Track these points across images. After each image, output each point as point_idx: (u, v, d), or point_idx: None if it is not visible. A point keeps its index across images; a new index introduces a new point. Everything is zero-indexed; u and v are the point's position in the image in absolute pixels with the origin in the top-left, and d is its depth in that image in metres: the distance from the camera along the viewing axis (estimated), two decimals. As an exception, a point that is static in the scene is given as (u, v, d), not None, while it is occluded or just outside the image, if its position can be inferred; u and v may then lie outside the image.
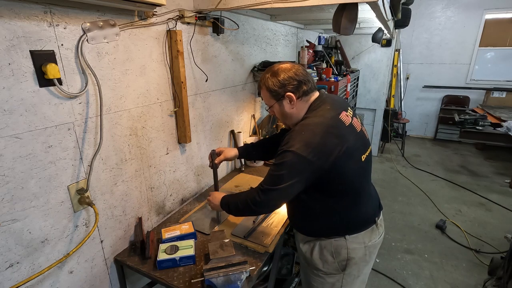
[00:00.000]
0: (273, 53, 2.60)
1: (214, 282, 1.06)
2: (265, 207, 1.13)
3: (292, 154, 1.01)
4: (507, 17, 4.76)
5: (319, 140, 1.01)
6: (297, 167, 1.02)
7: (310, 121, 1.08)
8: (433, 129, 5.68)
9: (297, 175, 1.03)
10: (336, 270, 1.21)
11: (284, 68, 1.12)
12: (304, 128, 1.06)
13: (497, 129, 3.92)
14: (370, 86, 4.50)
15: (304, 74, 1.13)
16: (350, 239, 1.17)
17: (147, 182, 1.44)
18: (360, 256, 1.19)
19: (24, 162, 0.93)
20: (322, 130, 1.04)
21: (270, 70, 1.15)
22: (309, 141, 1.01)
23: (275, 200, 1.11)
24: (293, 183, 1.04)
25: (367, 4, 1.28)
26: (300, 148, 1.00)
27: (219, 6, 1.41)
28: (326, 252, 1.19)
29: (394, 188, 3.70)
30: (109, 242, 1.29)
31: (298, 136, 1.04)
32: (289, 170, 1.03)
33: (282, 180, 1.04)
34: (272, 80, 1.12)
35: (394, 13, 2.41)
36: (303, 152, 1.00)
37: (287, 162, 1.02)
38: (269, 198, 1.09)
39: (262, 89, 1.18)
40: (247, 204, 1.14)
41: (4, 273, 0.93)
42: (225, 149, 1.53)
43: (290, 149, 1.02)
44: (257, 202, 1.11)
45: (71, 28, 0.99)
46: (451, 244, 2.67)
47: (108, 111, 1.18)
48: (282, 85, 1.11)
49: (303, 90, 1.12)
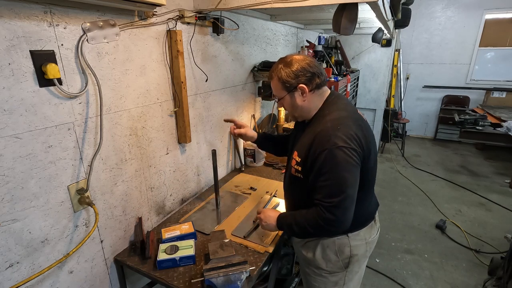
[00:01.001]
0: (273, 53, 2.60)
1: (214, 282, 1.06)
2: (343, 222, 1.02)
3: (340, 150, 0.97)
4: (507, 17, 4.76)
5: (355, 132, 1.01)
6: (351, 160, 0.98)
7: (338, 115, 1.06)
8: (433, 129, 5.68)
9: (355, 168, 0.99)
10: (339, 269, 1.20)
11: (298, 59, 1.08)
12: (337, 122, 1.03)
13: (497, 129, 3.92)
14: (370, 86, 4.50)
15: (318, 67, 1.09)
16: (353, 237, 1.17)
17: (147, 182, 1.44)
18: (362, 252, 1.20)
19: (24, 162, 0.93)
20: (353, 122, 1.04)
21: (283, 60, 1.10)
22: (348, 134, 1.00)
23: (349, 209, 1.01)
24: (357, 179, 1.00)
25: (367, 4, 1.28)
26: (345, 142, 0.98)
27: (219, 6, 1.41)
28: (329, 251, 1.18)
29: (394, 188, 3.70)
30: (109, 242, 1.29)
31: (336, 132, 1.00)
32: (347, 167, 0.98)
33: (345, 182, 0.98)
34: (285, 70, 1.08)
35: (394, 13, 2.41)
36: (350, 144, 0.98)
37: (340, 160, 0.97)
38: (343, 210, 1.00)
39: (273, 80, 1.13)
40: (320, 226, 1.03)
41: (4, 273, 0.93)
42: (247, 126, 1.49)
43: (336, 146, 0.98)
44: (332, 220, 1.00)
45: (71, 28, 0.99)
46: (451, 244, 2.67)
47: (108, 111, 1.18)
48: (296, 76, 1.07)
49: (316, 83, 1.09)
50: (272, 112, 2.58)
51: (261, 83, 2.34)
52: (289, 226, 1.16)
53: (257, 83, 2.36)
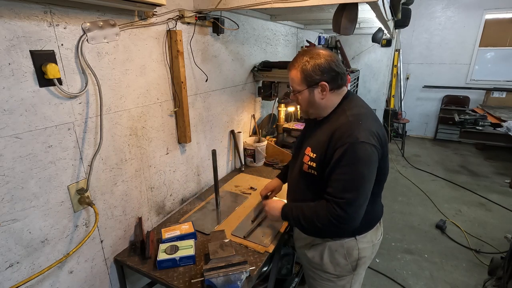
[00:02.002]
0: (273, 53, 2.60)
1: (214, 282, 1.06)
2: (355, 220, 0.99)
3: (363, 145, 0.94)
4: (507, 17, 4.76)
5: (376, 128, 1.00)
6: (372, 158, 0.95)
7: (358, 111, 1.05)
8: (433, 129, 5.68)
9: (373, 166, 0.97)
10: (348, 272, 1.19)
11: (326, 54, 1.03)
12: (359, 118, 1.01)
13: (497, 129, 3.92)
14: (370, 86, 4.50)
15: (342, 67, 1.05)
16: (360, 239, 1.16)
17: (147, 182, 1.44)
18: (369, 255, 1.20)
19: (24, 162, 0.93)
20: (372, 119, 1.03)
21: (308, 52, 1.04)
22: (370, 129, 0.98)
23: (362, 207, 0.98)
24: (373, 178, 0.98)
25: (367, 4, 1.28)
26: (366, 137, 0.95)
27: (219, 6, 1.41)
28: (338, 255, 1.16)
29: (394, 188, 3.70)
30: (109, 242, 1.29)
31: (358, 127, 0.98)
32: (367, 164, 0.95)
33: (362, 178, 0.95)
34: (311, 63, 1.01)
35: (394, 13, 2.41)
36: (371, 141, 0.96)
37: (361, 156, 0.94)
38: (355, 208, 0.97)
39: (294, 71, 1.06)
40: (330, 222, 1.00)
41: (4, 273, 0.93)
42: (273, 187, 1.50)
43: (358, 140, 0.94)
44: (345, 218, 0.96)
45: (71, 28, 0.99)
46: (451, 244, 2.67)
47: (108, 111, 1.18)
48: (321, 72, 1.02)
49: (338, 83, 1.06)
50: (272, 112, 2.58)
51: (261, 83, 2.34)
52: (295, 219, 1.12)
53: (257, 83, 2.36)
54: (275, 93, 2.29)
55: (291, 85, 1.12)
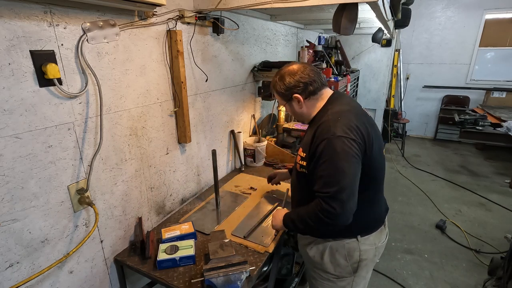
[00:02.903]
0: (273, 53, 2.60)
1: (214, 282, 1.06)
2: (342, 215, 0.99)
3: (339, 139, 0.98)
4: (507, 17, 4.76)
5: (355, 123, 1.02)
6: (350, 151, 0.98)
7: (339, 109, 1.08)
8: (433, 129, 5.68)
9: (354, 159, 0.98)
10: (348, 273, 1.19)
11: (290, 71, 1.14)
12: (338, 115, 1.05)
13: (497, 129, 3.92)
14: (370, 86, 4.50)
15: (310, 75, 1.13)
16: (362, 241, 1.16)
17: (147, 182, 1.44)
18: (371, 257, 1.19)
19: (24, 162, 0.93)
20: (354, 115, 1.06)
21: (279, 73, 1.18)
22: (348, 124, 1.01)
23: (349, 201, 0.99)
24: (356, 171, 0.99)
25: (367, 4, 1.28)
26: (344, 132, 0.99)
27: (219, 6, 1.41)
28: (338, 255, 1.17)
29: (394, 188, 3.70)
30: (109, 242, 1.29)
31: (336, 123, 1.02)
32: (345, 157, 0.97)
33: (343, 172, 0.97)
34: (279, 84, 1.16)
35: (394, 13, 2.41)
36: (349, 135, 0.98)
37: (338, 150, 0.97)
38: (341, 202, 0.97)
39: (274, 91, 1.22)
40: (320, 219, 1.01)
41: (4, 273, 0.93)
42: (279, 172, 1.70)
43: (335, 135, 0.98)
44: (333, 213, 0.98)
45: (71, 28, 0.99)
46: (451, 244, 2.67)
47: (108, 111, 1.18)
48: (288, 88, 1.14)
49: (309, 91, 1.13)
50: (272, 112, 2.58)
51: (261, 83, 2.34)
52: (292, 223, 1.16)
53: (257, 83, 2.36)
54: (275, 93, 2.29)
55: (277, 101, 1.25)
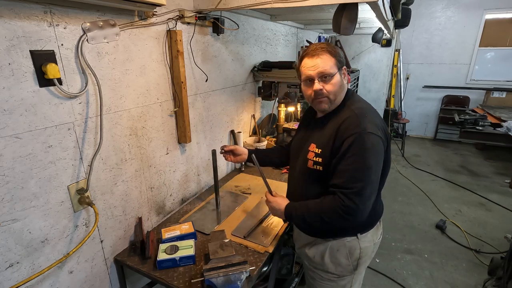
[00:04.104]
0: (273, 53, 2.60)
1: (214, 282, 1.06)
2: (362, 212, 0.97)
3: (370, 135, 0.96)
4: (507, 17, 4.76)
5: (379, 122, 1.03)
6: (378, 148, 0.98)
7: (361, 106, 1.08)
8: (433, 129, 5.68)
9: (380, 157, 0.99)
10: (349, 272, 1.19)
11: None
12: (364, 111, 1.04)
13: (497, 129, 3.91)
14: (370, 86, 4.50)
15: None
16: (362, 238, 1.16)
17: (147, 182, 1.44)
18: (370, 254, 1.20)
19: (24, 162, 0.93)
20: (375, 114, 1.07)
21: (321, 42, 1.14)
22: (375, 122, 1.01)
23: (370, 198, 0.98)
24: (379, 170, 0.99)
25: (367, 4, 1.28)
26: (373, 129, 0.98)
27: (219, 6, 1.41)
28: (339, 255, 1.16)
29: (394, 188, 3.70)
30: (109, 242, 1.29)
31: (364, 119, 1.00)
32: (374, 154, 0.96)
33: (371, 168, 0.95)
34: (335, 48, 1.07)
35: (394, 13, 2.41)
36: (377, 132, 0.98)
37: (369, 146, 0.95)
38: (364, 198, 0.95)
39: (324, 56, 1.04)
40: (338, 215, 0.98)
41: (4, 273, 0.93)
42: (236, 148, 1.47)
43: (366, 131, 0.96)
44: (354, 209, 0.95)
45: (71, 28, 0.99)
46: (451, 244, 2.67)
47: (108, 111, 1.18)
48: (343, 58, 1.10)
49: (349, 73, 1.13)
50: (272, 112, 2.58)
51: (261, 83, 2.34)
52: (299, 217, 1.10)
53: (257, 83, 2.36)
54: (275, 93, 2.29)
55: (321, 71, 1.04)
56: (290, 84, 2.22)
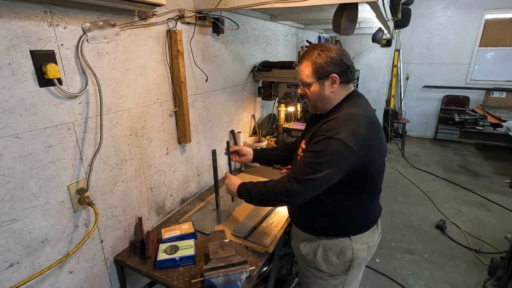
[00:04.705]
0: (273, 53, 2.60)
1: (214, 282, 1.06)
2: (298, 197, 1.05)
3: (338, 142, 0.97)
4: (507, 17, 4.76)
5: (364, 132, 1.00)
6: (340, 155, 0.98)
7: (355, 112, 1.05)
8: (433, 129, 5.68)
9: (338, 164, 0.99)
10: (340, 272, 1.19)
11: (337, 48, 1.06)
12: (350, 117, 1.02)
13: (497, 129, 3.92)
14: (370, 86, 4.50)
15: (352, 61, 1.08)
16: (355, 240, 1.16)
17: (147, 182, 1.44)
18: (363, 256, 1.19)
19: (24, 162, 0.93)
20: (366, 122, 1.03)
21: (319, 45, 1.06)
22: (355, 132, 0.99)
23: (310, 191, 1.04)
24: (332, 173, 0.99)
25: (367, 4, 1.28)
26: (346, 137, 0.97)
27: (219, 6, 1.41)
28: (331, 253, 1.17)
29: (394, 188, 3.70)
30: (109, 242, 1.29)
31: (344, 125, 1.00)
32: (331, 158, 0.98)
33: (321, 168, 0.99)
34: (323, 55, 1.03)
35: (394, 13, 2.41)
36: (349, 142, 0.97)
37: (330, 149, 0.98)
38: (303, 188, 1.02)
39: (304, 64, 1.08)
40: (275, 195, 1.07)
41: (4, 273, 0.93)
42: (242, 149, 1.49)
43: (335, 136, 0.97)
44: (289, 192, 1.04)
45: (71, 28, 0.99)
46: (451, 244, 2.67)
47: (108, 111, 1.18)
48: (333, 64, 1.03)
49: (347, 77, 1.08)
50: (272, 112, 2.58)
51: (261, 83, 2.34)
52: (247, 193, 1.18)
53: (257, 83, 2.36)
54: (275, 93, 2.29)
55: (299, 78, 1.11)
56: (290, 84, 2.22)
